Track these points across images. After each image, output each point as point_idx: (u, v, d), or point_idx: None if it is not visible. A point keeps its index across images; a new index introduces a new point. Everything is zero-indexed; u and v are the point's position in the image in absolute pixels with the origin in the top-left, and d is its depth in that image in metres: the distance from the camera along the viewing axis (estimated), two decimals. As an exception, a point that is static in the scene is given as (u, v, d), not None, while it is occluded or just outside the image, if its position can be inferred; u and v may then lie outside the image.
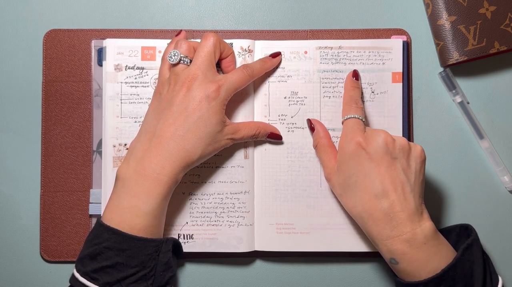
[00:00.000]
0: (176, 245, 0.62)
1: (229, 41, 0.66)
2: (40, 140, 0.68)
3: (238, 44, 0.67)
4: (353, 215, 0.61)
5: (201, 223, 0.66)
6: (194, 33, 0.69)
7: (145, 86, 0.67)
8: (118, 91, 0.66)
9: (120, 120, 0.66)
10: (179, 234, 0.66)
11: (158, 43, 0.67)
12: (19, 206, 0.68)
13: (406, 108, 0.67)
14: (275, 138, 0.66)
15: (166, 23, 0.70)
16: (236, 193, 0.66)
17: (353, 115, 0.62)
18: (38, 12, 0.70)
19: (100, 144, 0.67)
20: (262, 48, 0.67)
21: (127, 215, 0.58)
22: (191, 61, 0.62)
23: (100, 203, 0.66)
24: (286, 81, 0.67)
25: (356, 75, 0.65)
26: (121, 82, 0.66)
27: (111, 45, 0.67)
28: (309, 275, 0.68)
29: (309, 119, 0.66)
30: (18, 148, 0.69)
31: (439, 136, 0.69)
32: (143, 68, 0.67)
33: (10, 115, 0.69)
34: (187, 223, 0.66)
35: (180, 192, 0.66)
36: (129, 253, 0.57)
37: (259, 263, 0.68)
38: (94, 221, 0.67)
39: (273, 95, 0.67)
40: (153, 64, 0.67)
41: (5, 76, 0.69)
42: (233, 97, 0.63)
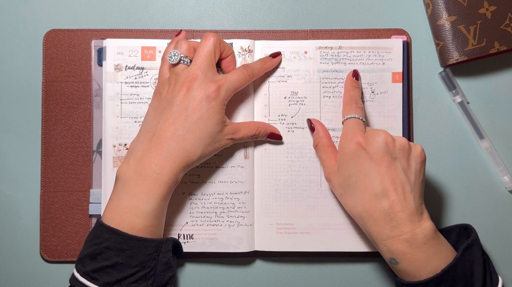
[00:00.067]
0: (176, 245, 0.62)
1: (229, 41, 0.66)
2: (40, 140, 0.68)
3: (238, 44, 0.67)
4: (353, 215, 0.61)
5: (201, 223, 0.66)
6: (194, 33, 0.69)
7: (145, 86, 0.67)
8: (118, 91, 0.66)
9: (120, 120, 0.66)
10: (179, 234, 0.66)
11: (158, 43, 0.67)
12: (19, 206, 0.68)
13: (406, 108, 0.67)
14: (275, 138, 0.66)
15: (166, 23, 0.70)
16: (236, 193, 0.66)
17: (353, 115, 0.62)
18: (38, 12, 0.70)
19: (100, 144, 0.67)
20: (262, 48, 0.67)
21: (127, 215, 0.58)
22: (191, 61, 0.62)
23: (100, 203, 0.66)
24: (286, 81, 0.67)
25: (356, 75, 0.65)
26: (121, 82, 0.66)
27: (111, 45, 0.67)
28: (309, 275, 0.68)
29: (309, 119, 0.66)
30: (18, 148, 0.69)
31: (439, 136, 0.69)
32: (143, 68, 0.67)
33: (10, 115, 0.69)
34: (187, 223, 0.66)
35: (180, 192, 0.66)
36: (129, 253, 0.57)
37: (259, 263, 0.68)
38: (94, 221, 0.67)
39: (273, 95, 0.67)
40: (153, 64, 0.67)
41: (5, 76, 0.69)
42: (233, 97, 0.63)
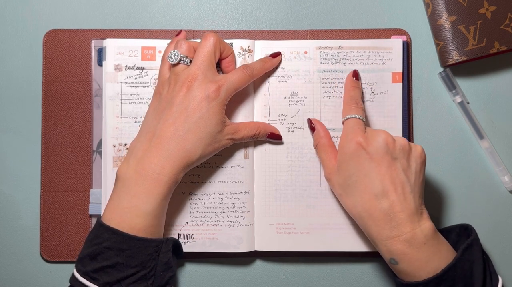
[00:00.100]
0: (176, 245, 0.62)
1: (229, 41, 0.66)
2: (40, 140, 0.68)
3: (238, 44, 0.67)
4: (353, 215, 0.61)
5: (201, 223, 0.66)
6: (194, 33, 0.69)
7: (145, 86, 0.67)
8: (118, 91, 0.66)
9: (120, 120, 0.66)
10: (179, 234, 0.66)
11: (158, 43, 0.67)
12: (19, 206, 0.68)
13: (406, 108, 0.67)
14: (275, 138, 0.66)
15: (166, 23, 0.70)
16: (236, 193, 0.66)
17: (354, 115, 0.62)
18: (38, 12, 0.70)
19: (100, 144, 0.67)
20: (262, 48, 0.67)
21: (127, 215, 0.58)
22: (191, 61, 0.62)
23: (100, 203, 0.66)
24: (286, 81, 0.67)
25: (356, 75, 0.65)
26: (121, 82, 0.66)
27: (111, 45, 0.66)
28: (309, 275, 0.68)
29: (310, 119, 0.66)
30: (18, 148, 0.69)
31: (439, 136, 0.69)
32: (143, 68, 0.67)
33: (10, 115, 0.69)
34: (187, 223, 0.66)
35: (180, 192, 0.66)
36: (129, 253, 0.57)
37: (259, 263, 0.68)
38: (94, 221, 0.67)
39: (273, 95, 0.67)
40: (153, 64, 0.67)
41: (5, 76, 0.69)
42: (233, 97, 0.63)
